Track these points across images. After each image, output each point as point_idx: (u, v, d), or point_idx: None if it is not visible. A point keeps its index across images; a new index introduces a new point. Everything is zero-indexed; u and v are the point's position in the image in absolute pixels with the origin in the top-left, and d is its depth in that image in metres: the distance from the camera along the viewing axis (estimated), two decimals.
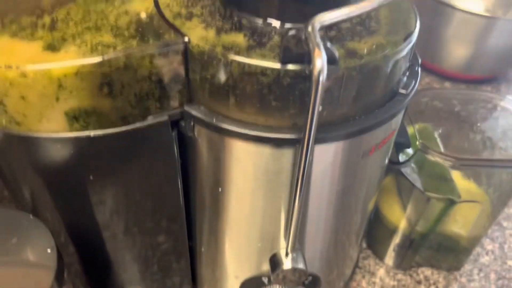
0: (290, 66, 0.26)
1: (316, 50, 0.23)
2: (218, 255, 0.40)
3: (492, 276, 0.51)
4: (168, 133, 0.30)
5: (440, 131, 0.46)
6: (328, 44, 0.25)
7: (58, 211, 0.35)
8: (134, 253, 0.41)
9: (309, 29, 0.24)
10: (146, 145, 0.31)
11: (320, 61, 0.23)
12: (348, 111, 0.29)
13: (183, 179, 0.35)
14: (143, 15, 0.29)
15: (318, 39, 0.24)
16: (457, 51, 0.75)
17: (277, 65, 0.26)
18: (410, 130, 0.42)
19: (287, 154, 0.29)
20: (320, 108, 0.25)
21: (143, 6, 0.30)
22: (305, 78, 0.26)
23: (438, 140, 0.45)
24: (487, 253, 0.53)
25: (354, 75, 0.27)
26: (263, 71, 0.26)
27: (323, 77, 0.23)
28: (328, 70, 0.26)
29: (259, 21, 0.28)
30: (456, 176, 0.44)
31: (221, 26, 0.28)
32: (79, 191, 0.33)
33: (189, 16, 0.29)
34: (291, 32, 0.24)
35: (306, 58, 0.25)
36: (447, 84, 0.79)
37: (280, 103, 0.27)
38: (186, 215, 0.38)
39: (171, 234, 0.39)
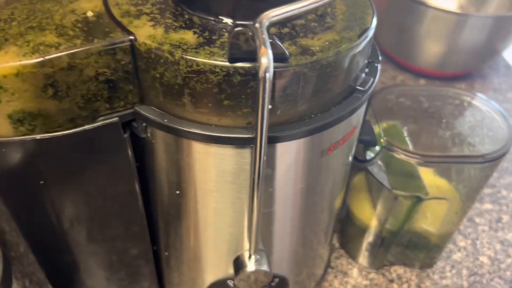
0: (239, 64, 0.25)
1: (262, 48, 0.23)
2: (183, 259, 0.39)
3: (464, 272, 0.51)
4: (120, 135, 0.29)
5: (408, 128, 0.46)
6: (278, 41, 0.25)
7: (13, 219, 0.34)
8: (98, 259, 0.39)
9: (257, 25, 0.23)
10: (98, 148, 0.30)
11: (265, 59, 0.22)
12: (304, 109, 0.28)
13: (142, 182, 0.34)
14: (90, 14, 0.28)
15: (265, 36, 0.23)
16: (430, 49, 0.75)
17: (225, 63, 0.25)
18: (376, 128, 0.42)
19: (243, 154, 0.29)
20: (270, 106, 0.24)
21: (91, 4, 0.29)
22: (255, 76, 0.25)
23: (407, 137, 0.45)
24: (459, 250, 0.53)
25: (308, 72, 0.26)
26: (212, 69, 0.25)
27: (269, 75, 0.23)
28: (278, 67, 0.25)
29: (211, 19, 0.28)
30: (427, 173, 0.43)
31: (171, 24, 0.27)
32: (32, 198, 0.32)
33: (138, 14, 0.28)
34: (238, 29, 0.24)
35: (254, 56, 0.24)
36: (422, 82, 0.79)
37: (232, 102, 0.27)
38: (148, 219, 0.37)
39: (133, 239, 0.38)
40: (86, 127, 0.28)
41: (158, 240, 0.39)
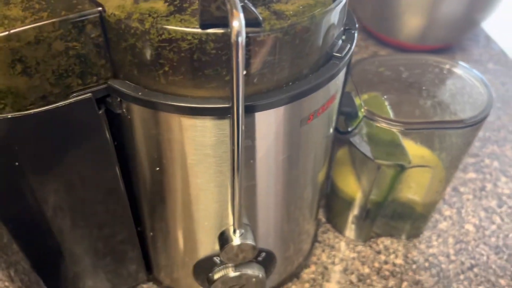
0: (211, 30, 0.24)
1: (234, 12, 0.22)
2: (167, 238, 0.38)
3: (450, 240, 0.51)
4: (95, 112, 0.29)
5: (390, 99, 0.45)
6: (250, 5, 0.24)
7: None
8: (82, 245, 0.39)
9: None
10: (73, 126, 0.29)
11: (237, 22, 0.22)
12: (281, 77, 0.28)
13: (122, 160, 0.33)
14: None
15: (237, 0, 0.22)
16: (410, 23, 0.74)
17: (197, 30, 0.24)
18: (357, 100, 0.41)
19: (221, 125, 0.28)
20: (245, 72, 0.24)
21: None
22: (229, 42, 0.25)
23: (389, 108, 0.45)
24: (445, 219, 0.54)
25: (282, 37, 0.26)
26: (184, 36, 0.25)
27: (241, 39, 0.22)
28: (252, 33, 0.25)
29: None
30: (410, 143, 0.43)
31: None
32: (9, 181, 0.31)
33: None
34: None
35: (226, 22, 0.24)
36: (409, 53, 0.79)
37: (207, 71, 0.26)
38: (131, 199, 0.37)
39: (117, 221, 0.38)
40: (59, 104, 0.27)
41: (142, 221, 0.39)
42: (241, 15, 0.22)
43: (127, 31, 0.25)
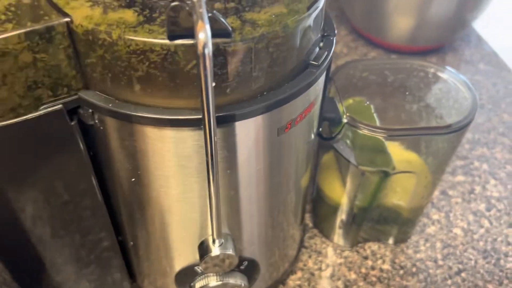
0: (179, 41, 0.24)
1: (200, 23, 0.21)
2: (148, 248, 0.38)
3: (438, 245, 0.51)
4: (67, 123, 0.28)
5: (375, 103, 0.45)
6: (219, 16, 0.24)
7: None
8: (64, 254, 0.38)
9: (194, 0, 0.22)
10: (45, 137, 0.28)
11: (203, 34, 0.21)
12: (256, 86, 0.28)
13: (98, 171, 0.33)
14: None
15: (203, 10, 0.22)
16: (400, 23, 0.74)
17: (165, 41, 0.24)
18: (340, 106, 0.41)
19: (194, 136, 0.28)
20: (214, 84, 0.23)
21: None
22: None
23: (374, 113, 0.44)
24: (433, 223, 0.53)
25: (254, 47, 0.25)
26: (152, 47, 0.24)
27: (208, 51, 0.22)
28: (221, 43, 0.24)
29: None
30: (396, 147, 0.43)
31: (110, 3, 0.26)
32: None
33: None
34: (174, 4, 0.23)
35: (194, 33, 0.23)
36: (394, 57, 0.78)
37: (178, 82, 0.26)
38: (109, 209, 0.36)
39: (96, 231, 0.37)
40: (28, 116, 0.27)
41: (123, 230, 0.38)
42: (207, 27, 0.21)
43: (96, 42, 0.25)
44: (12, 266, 0.38)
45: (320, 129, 0.42)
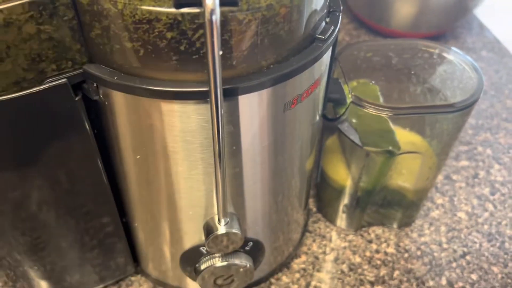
0: (186, 10, 0.23)
1: None
2: (153, 229, 0.38)
3: (443, 228, 0.51)
4: (71, 98, 0.28)
5: (379, 85, 0.45)
6: None
7: None
8: (68, 238, 0.38)
9: None
10: (49, 113, 0.28)
11: (210, 1, 0.21)
12: (262, 59, 0.27)
13: (102, 149, 0.33)
14: None
15: None
16: (402, 10, 0.74)
17: (171, 9, 0.23)
18: (345, 87, 0.41)
19: (200, 110, 0.27)
20: (221, 52, 0.23)
21: None
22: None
23: (379, 94, 0.44)
24: (437, 207, 0.53)
25: (260, 17, 0.25)
26: (158, 16, 0.24)
27: (215, 17, 0.21)
28: (228, 12, 0.24)
29: None
30: (400, 129, 0.43)
31: None
32: None
33: None
34: None
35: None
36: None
37: (184, 53, 0.25)
38: (114, 189, 0.36)
39: (101, 212, 0.37)
40: (33, 90, 0.26)
41: (127, 211, 0.38)
42: None
43: (100, 12, 0.24)
44: (18, 249, 0.38)
45: (325, 111, 0.42)
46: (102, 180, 0.34)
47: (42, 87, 0.26)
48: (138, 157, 0.31)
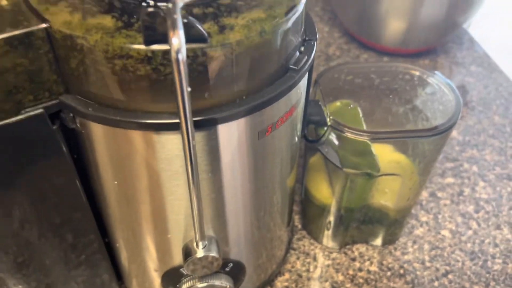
0: (156, 47, 0.24)
1: (172, 29, 0.22)
2: (134, 249, 0.38)
3: (426, 246, 0.51)
4: (48, 127, 0.28)
5: (362, 106, 0.45)
6: (195, 21, 0.24)
7: None
8: (51, 257, 0.39)
9: (169, 5, 0.23)
10: (27, 141, 0.29)
11: (176, 39, 0.22)
12: (234, 91, 0.28)
13: (82, 174, 0.33)
14: (4, 3, 0.27)
15: (177, 16, 0.22)
16: (392, 26, 0.74)
17: (141, 46, 0.24)
18: (325, 109, 0.41)
19: (173, 140, 0.28)
20: (189, 89, 0.24)
21: None
22: None
23: (361, 116, 0.45)
24: (421, 225, 0.54)
25: (232, 52, 0.26)
26: (129, 53, 0.24)
27: (182, 56, 0.22)
28: (198, 48, 0.25)
29: (131, 1, 0.27)
30: (386, 148, 0.43)
31: (89, 9, 0.26)
32: None
33: (56, 1, 0.27)
34: (149, 10, 0.23)
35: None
36: (386, 60, 0.79)
37: (155, 87, 0.26)
38: (95, 210, 0.36)
39: (83, 232, 0.38)
40: (9, 120, 0.27)
41: (109, 232, 0.39)
42: (181, 32, 0.22)
43: (74, 47, 0.25)
44: (2, 267, 0.38)
45: (306, 132, 0.42)
46: (82, 202, 0.35)
47: (19, 117, 0.27)
48: (116, 182, 0.32)
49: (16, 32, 0.25)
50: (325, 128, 0.40)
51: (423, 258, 0.50)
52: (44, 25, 0.25)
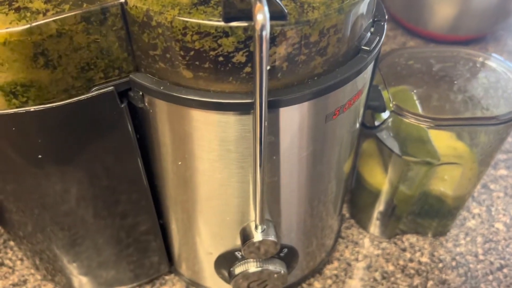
0: (235, 23, 0.24)
1: (258, 4, 0.21)
2: (189, 232, 0.38)
3: (479, 239, 0.50)
4: (117, 105, 0.28)
5: (418, 92, 0.44)
6: None
7: (16, 197, 0.34)
8: (104, 236, 0.39)
9: None
10: (95, 119, 0.29)
11: (261, 15, 0.21)
12: (307, 71, 0.27)
13: (144, 154, 0.33)
14: None
15: None
16: (441, 12, 0.72)
17: (220, 23, 0.24)
18: (385, 93, 0.40)
19: (243, 121, 0.28)
20: (269, 67, 0.23)
21: None
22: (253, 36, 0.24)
23: (417, 102, 0.43)
24: (473, 217, 0.52)
25: (309, 31, 0.25)
26: (207, 30, 0.24)
27: (266, 33, 0.21)
28: (276, 25, 0.24)
29: None
30: (443, 133, 0.42)
31: None
32: (32, 174, 0.31)
33: None
34: None
35: (250, 14, 0.23)
36: (441, 46, 0.76)
37: (231, 65, 0.25)
38: (153, 192, 0.37)
39: (139, 213, 0.38)
40: (81, 97, 0.27)
41: (164, 214, 0.39)
42: (266, 8, 0.21)
43: (149, 24, 0.25)
44: (56, 244, 0.39)
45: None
46: (141, 181, 0.35)
47: (90, 94, 0.27)
48: (180, 163, 0.31)
49: (93, 8, 0.25)
50: (385, 114, 0.39)
51: (476, 251, 0.49)
52: (120, 0, 0.25)
